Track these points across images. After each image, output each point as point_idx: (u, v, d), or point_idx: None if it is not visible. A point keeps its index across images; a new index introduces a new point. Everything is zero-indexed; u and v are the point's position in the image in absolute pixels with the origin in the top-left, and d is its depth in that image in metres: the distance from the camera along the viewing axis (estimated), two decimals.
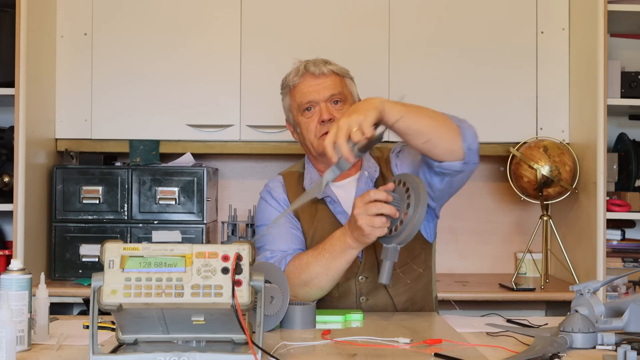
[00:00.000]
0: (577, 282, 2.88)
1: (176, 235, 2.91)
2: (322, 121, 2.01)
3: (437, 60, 3.10)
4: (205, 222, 2.93)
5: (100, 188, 2.94)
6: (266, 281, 1.53)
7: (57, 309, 2.30)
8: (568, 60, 3.12)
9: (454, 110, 3.04)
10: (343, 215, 2.01)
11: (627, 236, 3.24)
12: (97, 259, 2.89)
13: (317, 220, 2.03)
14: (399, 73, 3.08)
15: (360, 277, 2.00)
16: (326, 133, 1.99)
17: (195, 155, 3.06)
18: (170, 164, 3.03)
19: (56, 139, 3.08)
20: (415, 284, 2.04)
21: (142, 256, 1.34)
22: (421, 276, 2.06)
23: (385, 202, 1.73)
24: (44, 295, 1.64)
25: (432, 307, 2.09)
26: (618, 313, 1.58)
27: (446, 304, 2.80)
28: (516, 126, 3.10)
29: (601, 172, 2.81)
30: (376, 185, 2.04)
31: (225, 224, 2.97)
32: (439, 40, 3.10)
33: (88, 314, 1.37)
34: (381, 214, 1.72)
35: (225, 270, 1.33)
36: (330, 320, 1.82)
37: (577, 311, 1.57)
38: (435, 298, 2.13)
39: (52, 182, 2.94)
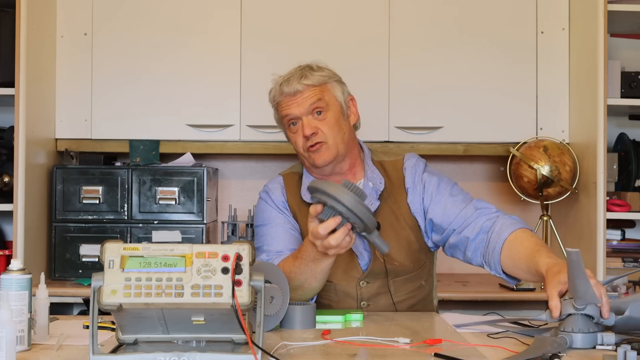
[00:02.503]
0: None
1: (176, 235, 2.91)
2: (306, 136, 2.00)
3: (437, 60, 3.09)
4: (205, 222, 2.93)
5: (100, 188, 2.94)
6: (266, 281, 1.53)
7: (57, 309, 2.30)
8: (568, 60, 3.11)
9: (454, 109, 3.07)
10: None
11: (627, 236, 3.23)
12: (97, 259, 2.89)
13: None
14: (399, 73, 3.08)
15: (362, 282, 2.01)
16: (312, 146, 1.99)
17: (195, 155, 3.06)
18: (170, 164, 3.02)
19: (56, 139, 3.08)
20: (418, 292, 2.06)
21: (142, 256, 1.34)
22: (424, 285, 2.08)
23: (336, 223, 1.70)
24: (44, 295, 1.64)
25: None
26: (618, 313, 1.58)
27: (446, 304, 2.79)
28: (516, 126, 3.10)
29: (601, 172, 2.81)
30: (381, 197, 2.03)
31: (225, 224, 2.97)
32: (439, 40, 3.10)
33: (88, 314, 1.37)
34: (334, 230, 1.69)
35: (225, 270, 1.33)
36: (330, 320, 1.82)
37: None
38: (436, 307, 2.14)
39: (52, 182, 2.94)
